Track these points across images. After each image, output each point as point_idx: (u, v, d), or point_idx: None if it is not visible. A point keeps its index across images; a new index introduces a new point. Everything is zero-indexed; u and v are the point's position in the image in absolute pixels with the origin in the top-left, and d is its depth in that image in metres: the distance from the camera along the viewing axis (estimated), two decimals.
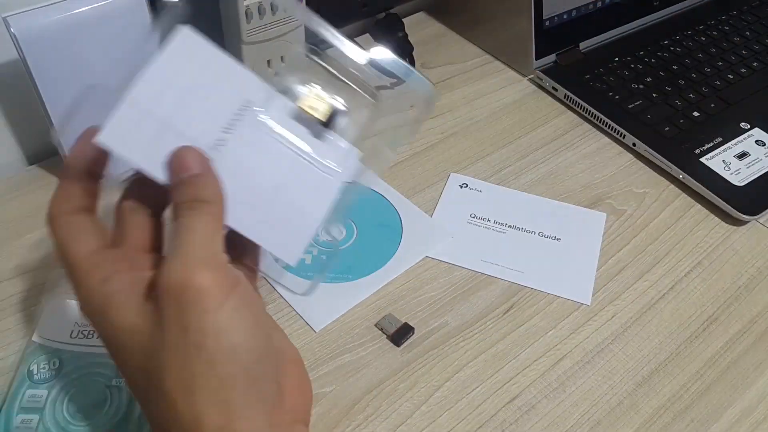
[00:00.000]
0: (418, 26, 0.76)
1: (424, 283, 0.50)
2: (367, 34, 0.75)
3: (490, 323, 0.48)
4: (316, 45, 0.37)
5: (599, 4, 0.72)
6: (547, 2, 0.68)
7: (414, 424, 0.42)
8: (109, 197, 0.33)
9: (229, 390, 0.28)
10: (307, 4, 0.59)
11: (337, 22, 0.77)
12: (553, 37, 0.70)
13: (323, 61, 0.38)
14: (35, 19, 0.47)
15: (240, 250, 0.33)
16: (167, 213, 0.32)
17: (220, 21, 0.59)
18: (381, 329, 0.47)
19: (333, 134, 0.35)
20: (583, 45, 0.72)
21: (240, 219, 0.32)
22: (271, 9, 0.56)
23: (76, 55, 0.50)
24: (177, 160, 0.31)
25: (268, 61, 0.61)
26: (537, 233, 0.54)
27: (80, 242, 0.31)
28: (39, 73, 0.49)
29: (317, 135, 0.35)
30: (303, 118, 0.34)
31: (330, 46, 0.35)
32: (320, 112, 0.34)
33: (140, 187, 0.32)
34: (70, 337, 0.44)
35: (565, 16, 0.70)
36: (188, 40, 0.33)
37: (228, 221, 0.31)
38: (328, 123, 0.35)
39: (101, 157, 0.32)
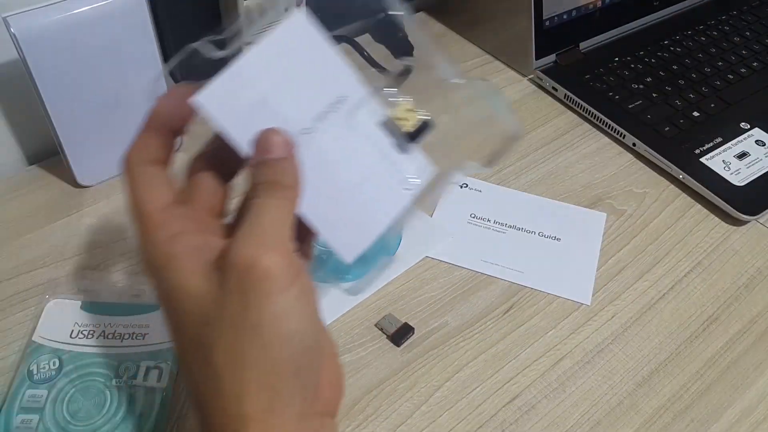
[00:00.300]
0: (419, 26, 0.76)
1: (424, 283, 0.50)
2: (367, 34, 0.75)
3: (490, 323, 0.48)
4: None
5: (599, 4, 0.72)
6: (547, 2, 0.68)
7: (414, 424, 0.42)
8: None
9: (276, 374, 0.28)
10: (307, 3, 0.59)
11: (336, 22, 0.77)
12: (553, 37, 0.70)
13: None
14: (35, 19, 0.47)
15: (299, 240, 0.33)
16: (235, 181, 0.33)
17: (220, 20, 0.59)
18: (381, 329, 0.47)
19: (414, 149, 0.36)
20: (583, 45, 0.72)
21: (309, 207, 0.32)
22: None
23: (76, 55, 0.50)
24: (263, 141, 0.31)
25: None
26: (537, 233, 0.54)
27: (152, 194, 0.31)
28: (39, 73, 0.49)
29: (400, 146, 0.35)
30: (390, 126, 0.35)
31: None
32: (408, 124, 0.35)
33: (216, 152, 0.32)
34: (70, 337, 0.44)
35: (565, 16, 0.70)
36: (300, 24, 0.33)
37: (298, 207, 0.32)
38: (414, 136, 0.35)
39: (186, 115, 0.31)
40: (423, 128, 0.36)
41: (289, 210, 0.30)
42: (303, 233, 0.33)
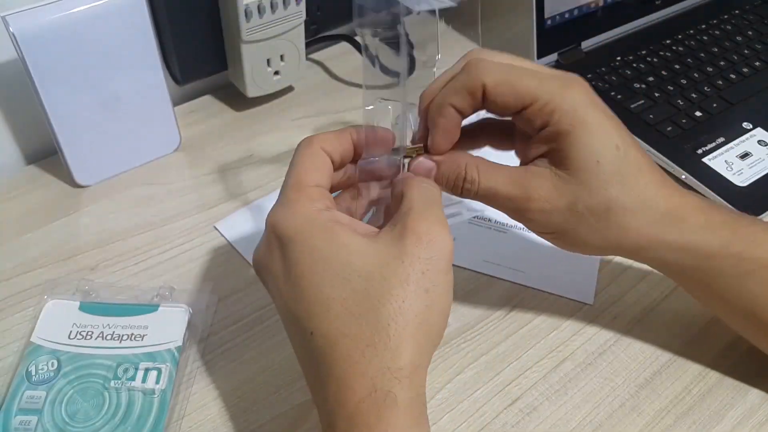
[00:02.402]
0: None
1: None
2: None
3: (491, 324, 0.47)
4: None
5: (601, 3, 0.72)
6: (549, 1, 0.67)
7: None
8: None
9: (429, 339, 0.32)
10: (308, 2, 0.59)
11: (337, 21, 0.77)
12: (555, 36, 0.69)
13: None
14: (34, 18, 0.47)
15: None
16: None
17: (220, 19, 0.58)
18: None
19: None
20: (585, 44, 0.72)
21: None
22: (271, 7, 0.56)
23: (74, 54, 0.49)
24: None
25: (268, 60, 0.60)
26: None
27: (316, 173, 0.35)
28: (37, 72, 0.48)
29: None
30: None
31: None
32: None
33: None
34: (68, 338, 0.44)
35: (566, 15, 0.70)
36: None
37: None
38: None
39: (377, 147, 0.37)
40: None
41: (440, 196, 0.35)
42: None
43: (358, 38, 0.69)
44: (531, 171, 0.37)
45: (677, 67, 0.70)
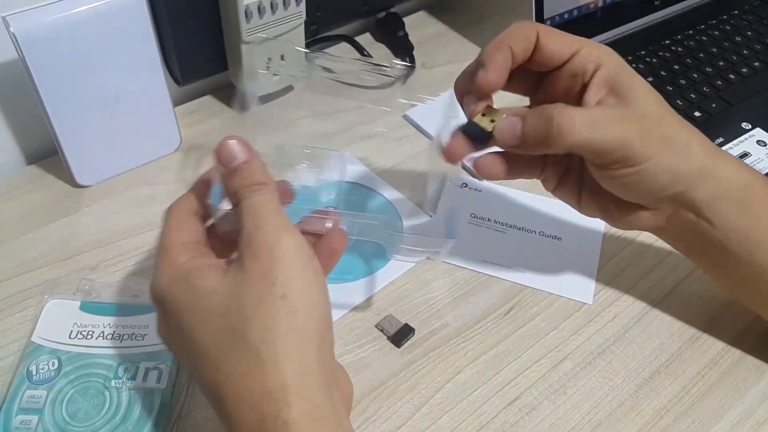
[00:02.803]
0: (419, 25, 0.76)
1: (424, 283, 0.50)
2: (368, 34, 0.75)
3: (491, 324, 0.48)
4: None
5: (600, 3, 0.72)
6: (548, 2, 0.67)
7: (414, 426, 0.42)
8: None
9: (305, 342, 0.31)
10: (308, 2, 0.59)
11: (337, 21, 0.77)
12: None
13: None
14: (35, 19, 0.47)
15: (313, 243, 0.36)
16: None
17: (220, 19, 0.59)
18: (381, 330, 0.47)
19: None
20: None
21: None
22: (271, 8, 0.56)
23: (75, 55, 0.49)
24: (224, 151, 0.34)
25: (268, 59, 0.60)
26: (537, 233, 0.54)
27: (181, 232, 0.35)
28: (38, 73, 0.49)
29: None
30: None
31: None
32: None
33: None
34: (69, 337, 0.44)
35: (566, 16, 0.70)
36: None
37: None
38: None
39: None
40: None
41: (277, 201, 0.33)
42: (317, 242, 0.36)
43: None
44: (610, 109, 0.39)
45: (676, 67, 0.70)
